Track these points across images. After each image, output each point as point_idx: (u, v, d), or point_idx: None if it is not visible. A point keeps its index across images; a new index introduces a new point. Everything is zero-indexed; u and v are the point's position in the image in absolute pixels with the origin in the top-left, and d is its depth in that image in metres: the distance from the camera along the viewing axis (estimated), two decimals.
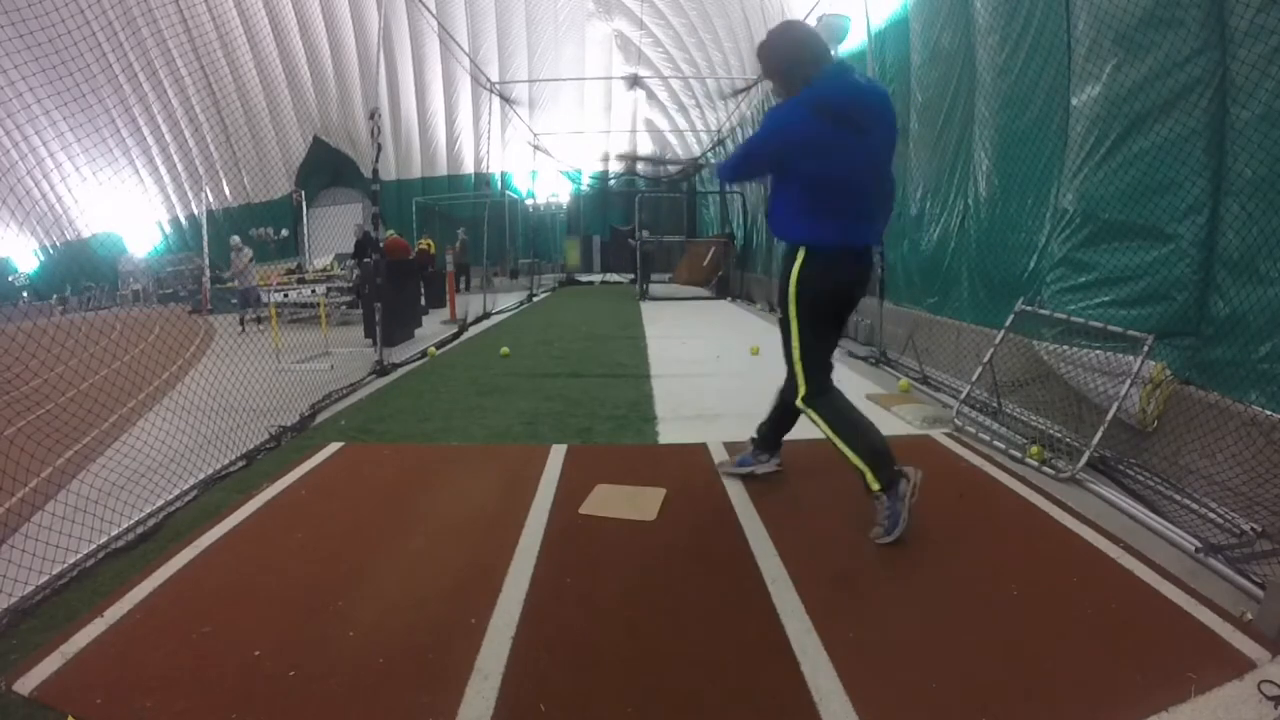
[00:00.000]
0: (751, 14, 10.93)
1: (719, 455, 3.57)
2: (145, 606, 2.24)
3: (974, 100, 4.93)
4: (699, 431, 4.04)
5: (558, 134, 18.05)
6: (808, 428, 2.76)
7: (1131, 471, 3.17)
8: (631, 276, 15.11)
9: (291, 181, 17.65)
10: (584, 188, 21.26)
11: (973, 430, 3.86)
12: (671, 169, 16.89)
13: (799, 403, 2.66)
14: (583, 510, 2.92)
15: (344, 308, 10.66)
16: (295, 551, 2.62)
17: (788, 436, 3.12)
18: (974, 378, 4.16)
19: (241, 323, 10.37)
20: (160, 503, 3.05)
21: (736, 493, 3.07)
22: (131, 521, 2.85)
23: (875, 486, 2.49)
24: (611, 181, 21.02)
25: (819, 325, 2.63)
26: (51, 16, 3.12)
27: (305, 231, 16.33)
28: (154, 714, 1.73)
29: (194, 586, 2.38)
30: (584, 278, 19.61)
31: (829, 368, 2.73)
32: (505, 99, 15.43)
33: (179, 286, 16.71)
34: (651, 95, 18.32)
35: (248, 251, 11.10)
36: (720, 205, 16.57)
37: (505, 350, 7.10)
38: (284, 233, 15.77)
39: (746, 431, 3.94)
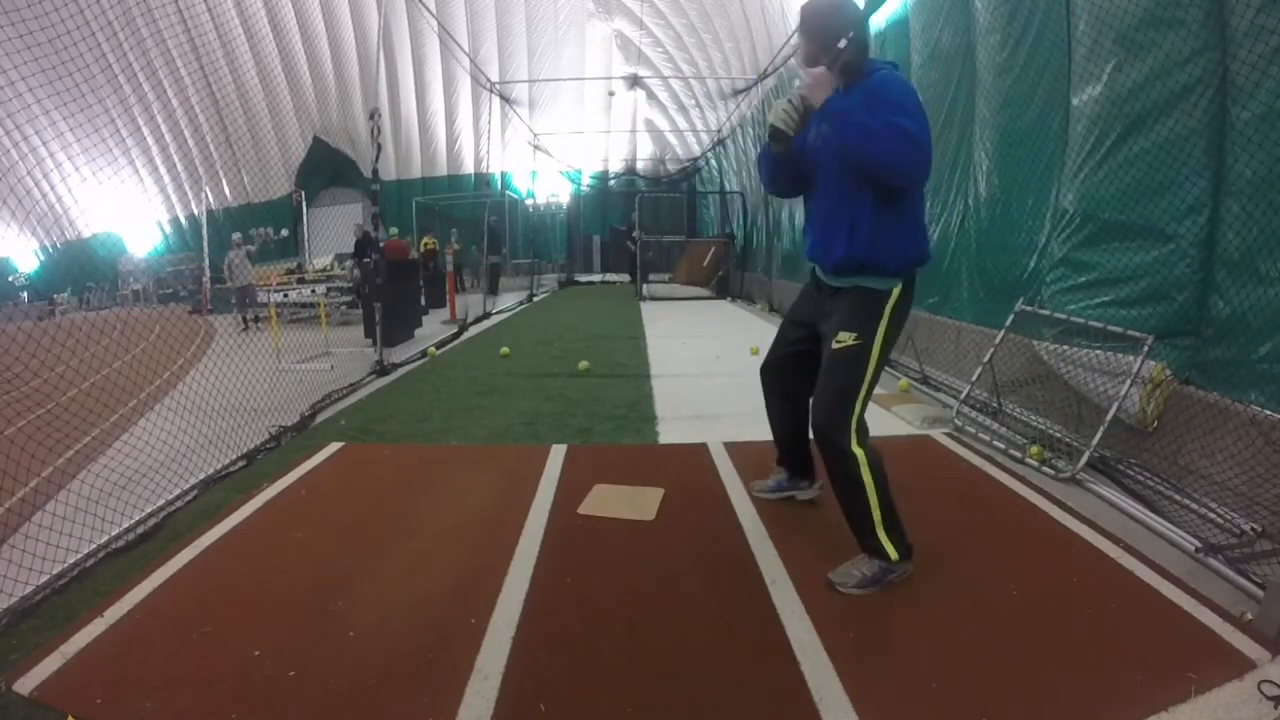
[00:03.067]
0: (752, 14, 10.92)
1: (719, 455, 3.57)
2: (145, 606, 2.24)
3: (974, 100, 4.93)
4: (699, 431, 4.04)
5: (558, 134, 18.05)
6: None
7: (1131, 471, 3.17)
8: (632, 278, 15.10)
9: (291, 181, 17.64)
10: (584, 188, 21.25)
11: (973, 430, 3.86)
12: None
13: (854, 446, 2.19)
14: (581, 510, 2.92)
15: (344, 308, 10.66)
16: (295, 551, 2.62)
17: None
18: (974, 378, 4.16)
19: (244, 322, 10.34)
20: (160, 503, 3.05)
21: (736, 493, 3.07)
22: (131, 521, 2.85)
23: (894, 556, 2.21)
24: (611, 181, 21.01)
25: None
26: (51, 17, 3.12)
27: (305, 231, 16.32)
28: (154, 714, 1.73)
29: (194, 586, 2.38)
30: (584, 278, 19.61)
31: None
32: (505, 99, 15.43)
33: (179, 286, 16.71)
34: (651, 95, 18.32)
35: (243, 250, 11.08)
36: (720, 205, 16.56)
37: (505, 350, 7.10)
38: (284, 232, 15.75)
39: (747, 431, 3.94)
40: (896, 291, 2.24)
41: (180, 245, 18.74)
